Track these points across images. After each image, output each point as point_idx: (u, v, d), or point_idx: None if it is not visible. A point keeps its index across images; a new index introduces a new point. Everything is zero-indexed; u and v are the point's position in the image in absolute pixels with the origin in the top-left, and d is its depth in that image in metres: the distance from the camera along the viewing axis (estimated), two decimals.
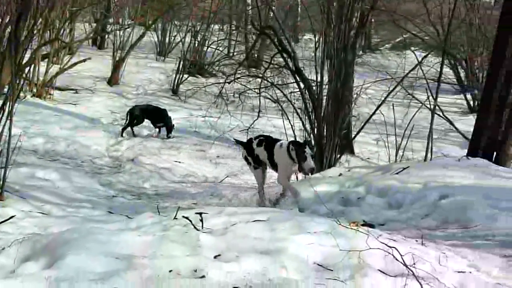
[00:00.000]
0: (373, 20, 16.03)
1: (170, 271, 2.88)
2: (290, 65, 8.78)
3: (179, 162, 10.03)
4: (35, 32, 11.81)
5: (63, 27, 13.97)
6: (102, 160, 9.80)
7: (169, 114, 12.00)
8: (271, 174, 8.82)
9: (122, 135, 11.13)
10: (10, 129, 6.24)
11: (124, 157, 10.08)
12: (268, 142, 7.16)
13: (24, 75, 9.15)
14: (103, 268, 2.80)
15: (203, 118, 12.30)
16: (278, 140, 7.14)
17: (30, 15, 6.76)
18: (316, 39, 9.57)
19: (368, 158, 10.76)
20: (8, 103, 6.31)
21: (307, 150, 6.30)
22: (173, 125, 11.30)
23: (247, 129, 10.85)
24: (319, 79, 8.20)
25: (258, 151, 7.19)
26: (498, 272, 3.80)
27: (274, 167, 7.03)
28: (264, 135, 7.59)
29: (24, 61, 7.82)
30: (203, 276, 2.88)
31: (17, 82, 6.41)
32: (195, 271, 2.93)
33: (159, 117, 11.41)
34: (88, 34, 16.02)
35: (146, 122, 11.55)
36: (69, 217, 6.10)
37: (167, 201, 7.69)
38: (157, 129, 11.43)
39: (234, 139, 8.02)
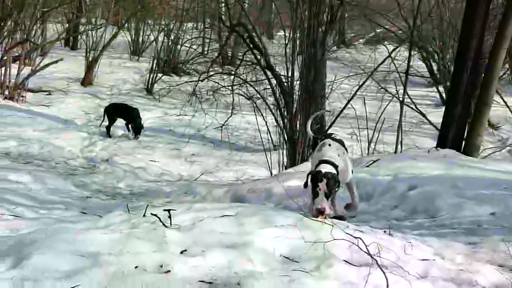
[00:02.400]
0: (346, 15, 16.12)
1: (136, 267, 2.92)
2: (261, 62, 8.82)
3: (154, 161, 10.05)
4: (5, 33, 11.76)
5: (35, 28, 13.83)
6: (76, 161, 9.79)
7: (143, 113, 12.02)
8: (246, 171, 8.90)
9: (109, 136, 11.08)
10: None
11: (99, 157, 10.09)
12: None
13: None
14: (69, 267, 2.82)
15: (177, 116, 12.36)
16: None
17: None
18: (286, 35, 9.66)
19: None
20: None
21: (321, 185, 4.47)
22: (142, 126, 11.25)
23: (222, 126, 10.95)
24: (289, 74, 8.24)
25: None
26: (462, 259, 3.88)
27: None
28: (329, 134, 5.57)
29: None
30: (168, 271, 2.92)
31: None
32: (161, 266, 2.97)
33: (129, 117, 11.37)
34: (60, 35, 15.90)
35: (120, 122, 11.52)
36: (41, 219, 6.06)
37: (141, 200, 7.69)
38: (128, 129, 11.36)
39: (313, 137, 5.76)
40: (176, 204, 4.67)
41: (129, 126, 11.33)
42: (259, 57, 8.99)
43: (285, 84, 8.53)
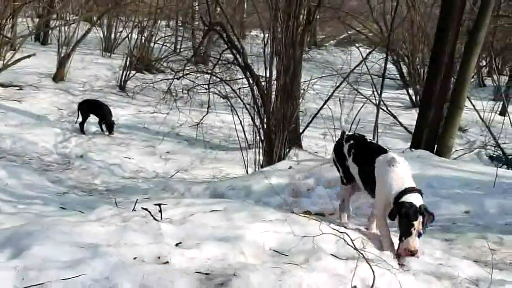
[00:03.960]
0: (318, 17, 16.33)
1: (135, 258, 3.00)
2: (239, 61, 8.93)
3: (129, 158, 10.08)
4: None
5: (5, 23, 13.66)
6: (50, 157, 9.74)
7: (117, 110, 11.99)
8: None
9: (83, 132, 11.05)
10: None
11: (73, 153, 10.05)
12: (361, 148, 4.41)
13: None
14: (69, 257, 2.89)
15: (152, 114, 12.39)
16: (379, 149, 4.31)
17: None
18: (264, 35, 9.79)
19: (316, 152, 11.05)
20: None
21: (417, 224, 3.71)
22: (114, 123, 11.25)
23: (197, 125, 11.03)
24: (267, 74, 8.37)
25: (349, 161, 4.48)
26: (440, 255, 4.07)
27: (368, 187, 4.27)
28: (357, 135, 4.71)
29: None
30: (167, 262, 3.01)
31: None
32: (159, 257, 3.06)
33: (100, 113, 11.36)
34: (33, 30, 15.73)
35: (93, 118, 11.49)
36: (21, 213, 6.07)
37: (119, 196, 7.71)
38: (101, 126, 11.33)
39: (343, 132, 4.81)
40: (165, 199, 4.74)
41: (101, 123, 11.31)
42: (237, 56, 9.07)
43: (262, 83, 8.64)
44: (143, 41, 16.02)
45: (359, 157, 4.36)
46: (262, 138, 8.57)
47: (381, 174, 4.02)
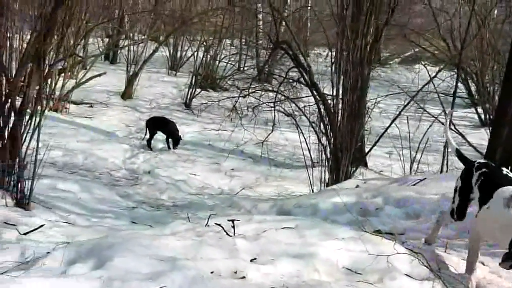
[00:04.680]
0: (383, 34, 16.22)
1: (212, 272, 3.07)
2: (306, 79, 8.99)
3: (195, 174, 10.24)
4: (51, 47, 12.11)
5: (78, 43, 14.23)
6: (119, 172, 10.01)
7: (182, 128, 12.25)
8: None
9: (150, 148, 11.34)
10: (37, 141, 6.47)
11: (141, 169, 10.30)
12: (492, 179, 3.95)
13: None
14: (149, 269, 2.98)
15: (216, 131, 12.57)
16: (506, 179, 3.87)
17: (55, 31, 6.99)
18: (329, 53, 9.83)
19: (381, 171, 10.92)
20: (35, 116, 6.57)
21: None
22: (181, 138, 11.49)
23: (262, 142, 11.11)
24: (334, 93, 8.38)
25: (475, 189, 4.11)
26: None
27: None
28: (492, 163, 4.38)
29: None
30: (243, 277, 3.06)
31: (44, 95, 6.65)
32: (235, 272, 3.12)
33: (166, 130, 11.63)
34: (104, 49, 16.30)
35: (160, 135, 11.77)
36: (94, 226, 6.29)
37: (186, 212, 7.84)
38: (168, 143, 11.59)
39: (457, 150, 4.72)
40: (237, 215, 4.81)
41: (169, 140, 11.57)
42: (303, 74, 9.14)
43: (329, 102, 8.66)
44: (208, 59, 16.32)
45: (486, 188, 3.88)
46: (328, 156, 8.56)
47: (496, 212, 3.62)
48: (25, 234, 5.47)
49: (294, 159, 11.44)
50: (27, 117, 6.63)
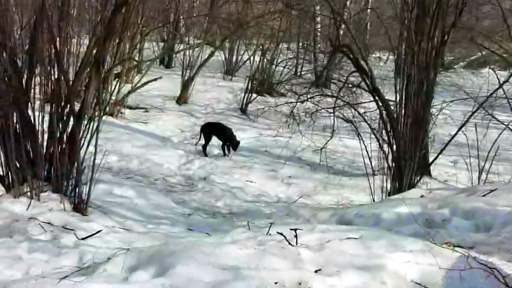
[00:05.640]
0: (450, 37, 15.89)
1: (276, 283, 3.05)
2: (367, 84, 8.89)
3: (251, 181, 10.26)
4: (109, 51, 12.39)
5: (134, 47, 14.52)
6: (174, 178, 10.13)
7: (238, 133, 12.30)
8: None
9: (205, 154, 11.48)
10: (96, 145, 6.62)
11: (196, 176, 10.39)
12: None
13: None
14: (212, 278, 2.99)
15: (273, 138, 12.59)
16: None
17: (115, 37, 7.15)
18: (389, 57, 9.70)
19: (446, 181, 10.68)
20: (93, 120, 6.73)
21: None
22: (239, 142, 11.57)
23: (320, 149, 11.05)
24: (398, 98, 8.25)
25: None
26: None
27: None
28: None
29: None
30: None
31: (102, 100, 6.81)
32: (300, 283, 3.09)
33: (223, 136, 11.74)
34: (160, 54, 16.57)
35: (215, 140, 11.87)
36: (150, 233, 6.39)
37: (242, 220, 7.89)
38: (223, 150, 11.67)
39: None
40: (299, 224, 4.79)
41: (225, 146, 11.64)
42: (365, 78, 9.05)
43: (392, 108, 8.53)
44: (264, 63, 16.37)
45: None
46: (391, 164, 8.42)
47: None
48: (83, 239, 5.61)
49: (353, 166, 11.35)
50: (85, 122, 6.79)
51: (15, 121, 6.50)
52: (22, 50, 6.71)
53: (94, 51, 6.76)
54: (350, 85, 10.96)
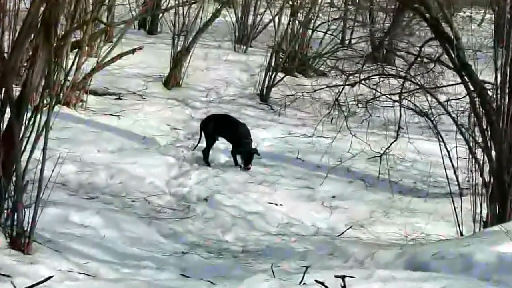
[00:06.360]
0: None
1: None
2: (453, 57, 8.82)
3: (276, 204, 10.24)
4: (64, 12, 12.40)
5: (102, 2, 14.47)
6: (161, 199, 10.11)
7: (257, 132, 12.28)
8: None
9: (207, 163, 11.48)
10: (44, 150, 6.61)
11: (194, 195, 10.37)
12: None
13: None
14: None
15: (308, 138, 12.53)
16: None
17: None
18: (485, 15, 9.61)
19: None
20: (40, 112, 6.72)
21: None
22: (256, 151, 11.52)
23: (380, 156, 10.97)
24: (499, 79, 8.16)
25: None
26: None
27: None
28: None
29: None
30: None
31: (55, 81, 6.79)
32: None
33: (234, 136, 11.71)
34: (139, 14, 16.54)
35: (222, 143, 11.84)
36: (125, 280, 6.37)
37: (262, 261, 7.87)
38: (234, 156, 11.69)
39: None
40: (348, 269, 4.77)
41: (235, 151, 11.59)
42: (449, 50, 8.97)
43: (490, 94, 8.45)
44: (296, 28, 16.31)
45: None
46: (487, 179, 8.34)
47: None
48: None
49: (429, 182, 11.25)
50: (29, 114, 6.78)
51: None
52: None
53: (42, 8, 6.75)
54: (425, 60, 10.84)
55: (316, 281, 3.94)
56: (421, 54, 10.45)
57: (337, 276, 3.95)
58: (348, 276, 3.92)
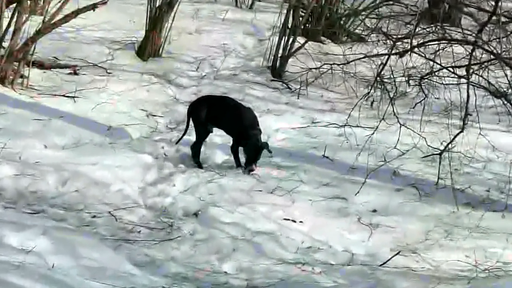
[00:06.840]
0: None
1: None
2: None
3: (294, 221, 10.24)
4: None
5: None
6: (133, 213, 10.13)
7: (268, 119, 12.29)
8: None
9: (198, 164, 11.59)
10: None
11: (179, 208, 10.40)
12: None
13: None
14: None
15: (338, 128, 12.53)
16: None
17: None
18: None
19: None
20: None
21: None
22: (266, 146, 11.54)
23: (440, 154, 10.94)
24: None
25: None
26: None
27: None
28: None
29: None
30: None
31: None
32: None
33: (236, 125, 11.74)
34: None
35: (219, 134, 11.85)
36: None
37: None
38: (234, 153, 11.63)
39: None
40: None
41: (236, 146, 11.60)
42: None
43: None
44: None
45: None
46: None
47: None
48: None
49: (509, 190, 11.22)
50: None
51: None
52: None
53: None
54: (503, 19, 10.82)
55: None
56: (498, 11, 10.37)
57: None
58: None
